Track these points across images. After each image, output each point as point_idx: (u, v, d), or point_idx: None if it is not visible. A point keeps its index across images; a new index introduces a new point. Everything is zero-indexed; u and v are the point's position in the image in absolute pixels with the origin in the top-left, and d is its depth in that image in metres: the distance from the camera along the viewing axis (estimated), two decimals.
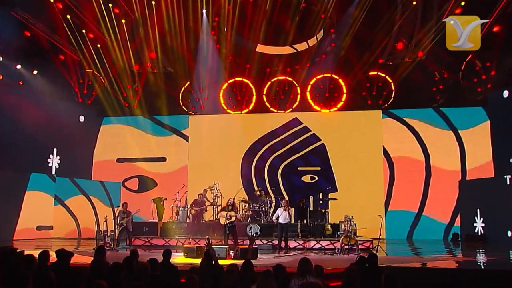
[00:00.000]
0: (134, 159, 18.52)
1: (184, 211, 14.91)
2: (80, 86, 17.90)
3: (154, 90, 18.13)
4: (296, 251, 12.39)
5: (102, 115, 18.65)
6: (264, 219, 14.49)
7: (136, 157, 18.50)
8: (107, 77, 17.73)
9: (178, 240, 13.51)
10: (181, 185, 16.19)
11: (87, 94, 18.03)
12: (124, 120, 18.60)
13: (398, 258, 10.60)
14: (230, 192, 14.36)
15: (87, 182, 17.34)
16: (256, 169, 17.98)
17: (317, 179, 17.34)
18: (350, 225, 11.68)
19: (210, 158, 17.95)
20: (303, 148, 17.67)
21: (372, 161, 17.07)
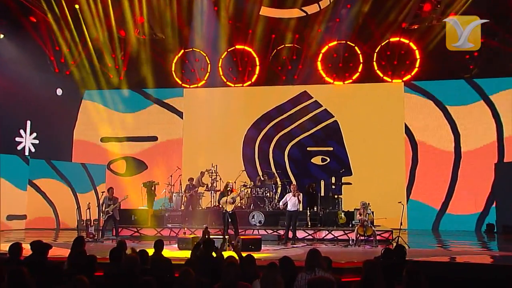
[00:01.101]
0: (120, 138, 18.46)
1: (178, 197, 14.97)
2: (56, 54, 17.44)
3: (142, 60, 17.92)
4: (305, 242, 12.45)
5: (83, 88, 18.47)
6: (268, 206, 14.52)
7: (122, 136, 18.45)
8: (87, 44, 17.49)
9: (171, 229, 13.59)
10: (175, 167, 16.16)
11: (65, 63, 17.68)
12: (109, 94, 18.47)
13: (422, 251, 10.60)
14: (230, 175, 14.30)
15: (66, 164, 17.26)
16: (259, 149, 17.94)
17: (329, 161, 17.32)
18: (366, 213, 11.67)
19: (208, 137, 17.90)
20: (313, 125, 17.60)
21: (392, 140, 16.96)
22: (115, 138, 18.53)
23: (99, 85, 18.23)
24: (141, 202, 15.33)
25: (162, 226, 13.93)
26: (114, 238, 12.72)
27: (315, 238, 12.85)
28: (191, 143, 18.17)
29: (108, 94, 18.49)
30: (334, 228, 13.22)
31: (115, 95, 18.52)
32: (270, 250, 10.83)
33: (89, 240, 12.00)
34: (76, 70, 17.96)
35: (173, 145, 18.35)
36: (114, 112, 18.52)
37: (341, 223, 13.41)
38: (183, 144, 18.29)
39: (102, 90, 18.38)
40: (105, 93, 18.47)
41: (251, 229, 13.39)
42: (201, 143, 17.92)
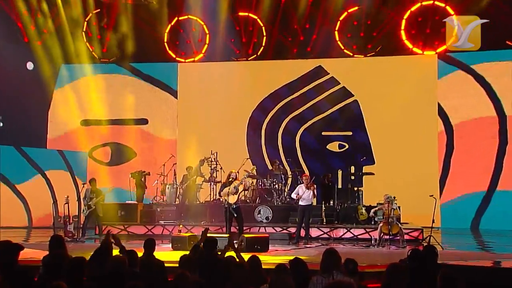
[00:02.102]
0: (105, 121, 18.45)
1: (173, 190, 14.97)
2: (25, 20, 17.38)
3: (130, 29, 17.84)
4: (320, 241, 12.46)
5: (59, 62, 18.22)
6: (277, 199, 14.52)
7: (107, 119, 18.43)
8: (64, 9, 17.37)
9: (164, 227, 13.62)
10: (168, 155, 16.18)
11: (36, 31, 17.54)
12: (90, 68, 18.35)
13: (459, 253, 10.58)
14: (233, 164, 14.16)
15: (40, 152, 17.21)
16: (267, 134, 17.89)
17: (348, 148, 17.27)
18: (391, 208, 11.65)
19: (207, 120, 17.87)
20: (329, 106, 17.50)
21: (423, 123, 16.83)
22: (98, 120, 18.48)
23: (79, 59, 18.13)
24: (129, 195, 15.35)
25: (153, 223, 13.96)
26: (97, 237, 12.74)
27: (331, 237, 12.87)
28: (187, 127, 18.13)
29: (89, 69, 18.36)
30: (354, 226, 13.21)
31: (98, 70, 18.43)
32: (279, 250, 10.83)
33: (67, 239, 12.02)
34: (50, 40, 17.75)
35: (166, 129, 18.33)
36: (97, 90, 18.42)
37: (362, 219, 13.41)
38: (177, 128, 18.26)
39: (82, 65, 18.25)
40: (85, 68, 18.33)
41: (257, 227, 13.38)
42: (198, 126, 17.88)
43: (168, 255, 9.56)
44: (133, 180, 15.42)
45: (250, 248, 9.95)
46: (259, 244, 10.52)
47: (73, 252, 7.00)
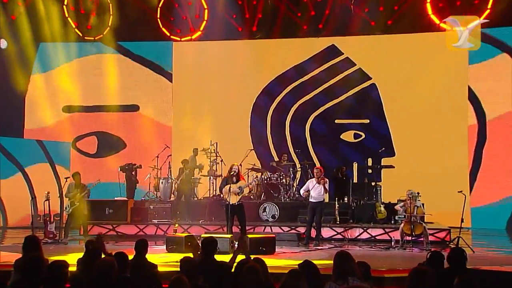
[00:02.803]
0: (90, 107, 18.45)
1: (167, 185, 15.01)
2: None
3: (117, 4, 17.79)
4: (333, 242, 12.48)
5: (38, 40, 18.22)
6: (284, 195, 14.53)
7: (93, 105, 18.43)
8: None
9: (157, 226, 13.65)
10: (162, 146, 16.20)
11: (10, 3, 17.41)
12: (73, 48, 18.34)
13: (492, 256, 10.59)
14: (234, 156, 14.28)
15: (15, 141, 17.28)
16: (273, 122, 17.89)
17: (364, 137, 17.25)
18: (415, 205, 11.63)
19: (205, 107, 17.87)
20: (343, 90, 17.48)
21: (450, 109, 16.77)
22: (82, 107, 18.49)
23: (60, 36, 18.08)
24: (118, 191, 15.37)
25: (145, 222, 13.98)
26: (82, 238, 12.75)
27: (345, 237, 12.86)
28: (183, 114, 18.11)
29: (72, 49, 18.34)
30: (371, 225, 13.20)
31: (82, 50, 18.42)
32: (287, 253, 10.84)
33: (48, 241, 12.06)
34: (26, 15, 17.70)
35: (159, 116, 18.35)
36: (81, 73, 18.42)
37: (381, 218, 13.40)
38: (172, 116, 18.26)
39: (64, 43, 18.22)
40: (68, 47, 18.30)
41: (262, 226, 13.40)
42: (196, 114, 17.87)
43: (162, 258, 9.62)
44: (122, 174, 15.44)
45: (255, 250, 9.90)
46: (265, 246, 10.52)
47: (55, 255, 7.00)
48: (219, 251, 9.33)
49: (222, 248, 9.91)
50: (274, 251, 10.64)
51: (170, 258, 9.61)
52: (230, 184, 11.33)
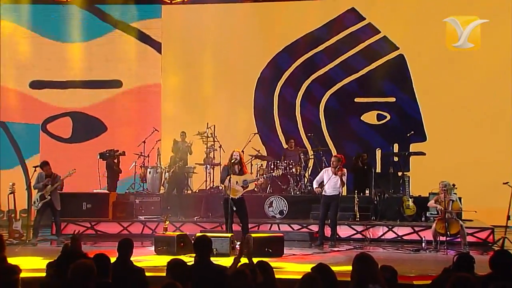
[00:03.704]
0: (63, 83, 18.36)
1: (156, 175, 15.04)
2: None
3: None
4: (352, 243, 12.50)
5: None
6: (294, 187, 14.53)
7: (67, 80, 18.36)
8: None
9: (145, 224, 13.68)
10: (150, 129, 16.18)
11: None
12: (42, 11, 18.27)
13: None
14: (235, 141, 14.36)
15: None
16: (281, 101, 17.83)
17: (390, 119, 17.19)
18: (450, 199, 11.62)
19: (201, 83, 17.83)
20: (365, 63, 17.38)
21: (494, 85, 16.61)
22: (54, 83, 18.39)
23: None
24: (97, 183, 15.39)
25: (130, 218, 14.00)
26: (55, 238, 12.77)
27: (367, 237, 12.86)
28: (174, 92, 18.12)
29: (39, 12, 18.23)
30: (398, 223, 13.18)
31: (52, 13, 18.31)
32: (298, 255, 10.85)
33: (13, 241, 12.09)
34: None
35: (146, 94, 18.29)
36: (51, 42, 18.31)
37: (409, 214, 13.38)
38: (161, 93, 18.23)
39: (31, 5, 18.12)
40: (34, 10, 18.21)
41: (268, 223, 13.43)
42: (190, 91, 17.85)
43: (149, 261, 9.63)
44: (102, 162, 15.42)
45: (259, 252, 9.88)
46: (271, 247, 10.49)
47: (18, 256, 6.98)
48: (217, 252, 9.42)
49: (221, 250, 9.97)
50: (282, 253, 10.63)
51: (159, 261, 9.59)
52: (231, 175, 11.28)
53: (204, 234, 7.26)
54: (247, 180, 11.35)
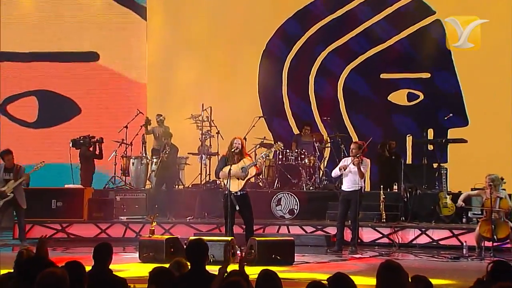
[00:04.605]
0: (27, 55, 18.36)
1: (141, 167, 15.12)
2: None
3: None
4: (376, 249, 12.55)
5: None
6: (307, 182, 14.58)
7: (29, 51, 18.34)
8: None
9: (127, 226, 13.74)
10: (133, 111, 16.19)
11: None
12: None
13: None
14: (236, 125, 14.40)
15: None
16: (291, 77, 17.82)
17: (423, 99, 17.18)
18: (497, 196, 11.58)
19: (195, 55, 17.78)
20: (393, 31, 17.34)
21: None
22: (16, 54, 18.39)
23: None
24: (69, 176, 15.38)
25: (109, 219, 14.03)
26: (18, 243, 12.78)
27: (395, 242, 12.83)
28: (162, 66, 18.10)
29: None
30: (433, 225, 13.17)
31: None
32: (311, 263, 10.85)
33: None
34: None
35: (129, 69, 18.30)
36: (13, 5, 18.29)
37: (447, 215, 13.36)
38: (147, 68, 18.24)
39: None
40: None
41: (276, 225, 13.46)
42: (181, 66, 17.73)
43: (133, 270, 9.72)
44: (76, 151, 15.42)
45: (265, 259, 9.95)
46: (279, 253, 10.49)
47: None
48: (215, 260, 9.38)
49: (219, 256, 9.91)
50: (292, 261, 10.63)
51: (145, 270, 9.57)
52: (231, 165, 11.26)
53: (199, 238, 7.22)
54: (245, 166, 11.28)
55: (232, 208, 11.30)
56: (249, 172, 11.30)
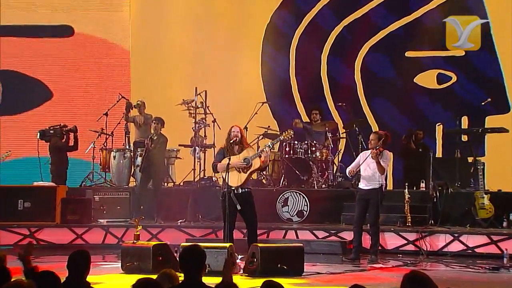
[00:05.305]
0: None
1: (124, 161, 15.25)
2: None
3: None
4: (400, 258, 12.61)
5: None
6: (318, 179, 14.66)
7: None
8: None
9: (107, 230, 13.79)
10: (115, 96, 16.29)
11: None
12: None
13: None
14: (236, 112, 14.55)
15: None
16: (299, 55, 17.86)
17: (456, 81, 17.24)
18: None
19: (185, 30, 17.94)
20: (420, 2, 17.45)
21: None
22: None
23: None
24: (38, 172, 15.36)
25: (86, 222, 14.04)
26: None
27: (422, 249, 12.83)
28: (148, 43, 18.18)
29: None
30: (467, 230, 13.19)
31: None
32: (324, 274, 10.83)
33: None
34: None
35: (109, 46, 18.38)
36: None
37: (484, 218, 13.37)
38: (130, 45, 18.32)
39: None
40: None
41: (282, 229, 13.52)
42: (170, 42, 17.94)
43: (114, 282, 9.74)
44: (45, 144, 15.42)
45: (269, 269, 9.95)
46: (285, 262, 10.45)
47: None
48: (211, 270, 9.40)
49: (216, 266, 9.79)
50: (301, 271, 10.59)
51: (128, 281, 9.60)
52: (230, 157, 11.22)
53: (194, 244, 7.22)
54: (248, 157, 11.20)
55: (232, 209, 11.23)
56: (252, 164, 11.21)
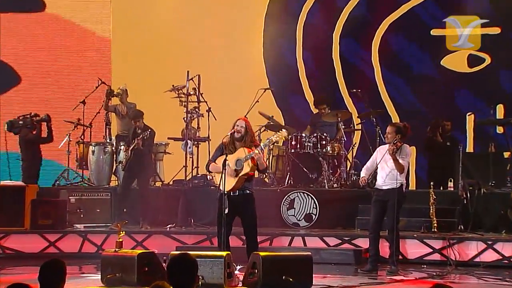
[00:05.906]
0: None
1: (104, 157, 15.27)
2: None
3: None
4: (425, 269, 12.62)
5: None
6: (329, 178, 14.73)
7: None
8: None
9: (85, 237, 13.81)
10: (94, 81, 16.29)
11: None
12: None
13: None
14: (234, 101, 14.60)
15: None
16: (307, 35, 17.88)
17: (490, 63, 17.28)
18: None
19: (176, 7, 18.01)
20: None
21: None
22: None
23: None
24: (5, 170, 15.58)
25: (61, 227, 14.09)
26: None
27: (450, 259, 12.81)
28: (132, 19, 18.26)
29: None
30: (503, 237, 13.17)
31: None
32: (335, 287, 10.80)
33: None
34: None
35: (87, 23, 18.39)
36: None
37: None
38: (111, 22, 18.37)
39: None
40: None
41: (288, 235, 13.56)
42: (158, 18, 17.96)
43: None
44: (14, 137, 15.50)
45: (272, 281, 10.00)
46: (291, 273, 10.35)
47: None
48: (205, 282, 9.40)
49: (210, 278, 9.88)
50: (310, 284, 10.53)
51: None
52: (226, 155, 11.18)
53: (184, 253, 7.19)
54: (240, 158, 11.14)
55: (228, 213, 11.23)
56: (243, 168, 11.13)
